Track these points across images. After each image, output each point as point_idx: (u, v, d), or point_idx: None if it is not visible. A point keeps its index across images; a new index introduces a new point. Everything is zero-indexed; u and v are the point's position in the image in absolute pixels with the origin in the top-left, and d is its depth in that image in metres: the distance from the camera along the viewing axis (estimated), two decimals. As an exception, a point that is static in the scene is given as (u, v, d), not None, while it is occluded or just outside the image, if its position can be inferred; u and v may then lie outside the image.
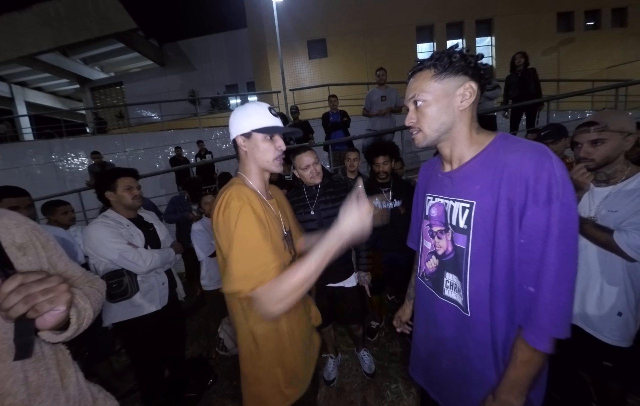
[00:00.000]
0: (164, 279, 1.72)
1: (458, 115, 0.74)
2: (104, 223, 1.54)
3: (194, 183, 3.26)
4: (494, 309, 0.72)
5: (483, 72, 0.74)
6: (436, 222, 0.85)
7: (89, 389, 0.79)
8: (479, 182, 0.72)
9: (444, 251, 0.82)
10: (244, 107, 1.00)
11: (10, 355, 0.57)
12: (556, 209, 0.61)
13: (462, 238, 0.76)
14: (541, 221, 0.62)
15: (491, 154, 0.72)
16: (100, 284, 0.87)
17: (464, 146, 0.77)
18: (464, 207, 0.75)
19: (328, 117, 4.72)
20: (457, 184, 0.78)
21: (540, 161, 0.63)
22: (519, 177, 0.64)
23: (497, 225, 0.68)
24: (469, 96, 0.72)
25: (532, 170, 0.63)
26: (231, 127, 1.00)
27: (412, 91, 0.77)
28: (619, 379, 1.23)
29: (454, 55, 0.71)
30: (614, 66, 10.07)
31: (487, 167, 0.71)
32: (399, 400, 1.84)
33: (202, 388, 2.06)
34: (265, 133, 0.96)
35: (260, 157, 0.98)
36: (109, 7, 10.06)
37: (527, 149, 0.66)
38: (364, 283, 1.87)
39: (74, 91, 15.63)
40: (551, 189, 0.61)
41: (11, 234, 0.67)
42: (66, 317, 0.61)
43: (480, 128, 0.78)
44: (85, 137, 8.67)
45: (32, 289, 0.51)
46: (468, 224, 0.74)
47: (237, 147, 1.00)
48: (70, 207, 2.37)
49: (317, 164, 1.71)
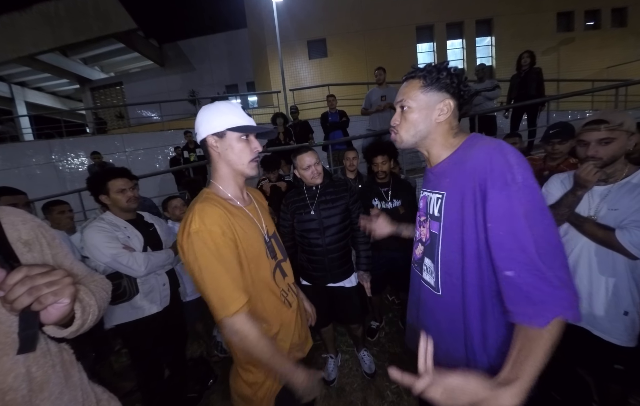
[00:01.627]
0: (164, 280, 1.70)
1: (434, 126, 0.83)
2: (99, 227, 1.51)
3: (194, 183, 3.25)
4: (465, 288, 0.78)
5: (463, 93, 0.82)
6: (422, 213, 0.95)
7: (93, 390, 0.79)
8: (448, 176, 0.81)
9: (425, 238, 0.92)
10: (214, 104, 0.93)
11: (13, 348, 0.57)
12: (515, 192, 0.66)
13: (436, 225, 0.85)
14: (502, 204, 0.67)
15: (460, 152, 0.82)
16: (106, 283, 0.87)
17: (440, 149, 0.86)
18: (437, 197, 0.85)
19: (327, 117, 4.72)
20: (435, 178, 0.88)
21: (494, 152, 0.70)
22: (479, 168, 0.71)
23: (463, 212, 0.75)
24: (445, 112, 0.81)
25: (487, 161, 0.70)
26: (200, 126, 0.91)
27: (402, 95, 0.85)
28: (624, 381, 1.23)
29: (442, 72, 0.79)
30: (614, 66, 10.07)
31: (456, 163, 0.80)
32: (399, 400, 1.84)
33: (202, 388, 2.06)
34: (240, 132, 0.91)
35: (234, 159, 0.92)
36: (109, 7, 10.05)
37: (485, 144, 0.74)
38: (364, 283, 1.87)
39: (74, 91, 15.62)
40: (505, 175, 0.67)
41: (17, 231, 0.67)
42: (70, 311, 0.61)
43: (459, 132, 0.85)
44: (85, 138, 8.68)
45: (36, 281, 0.51)
46: (440, 212, 0.83)
47: (207, 149, 0.93)
48: (67, 207, 2.35)
49: (318, 164, 1.71)
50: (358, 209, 1.83)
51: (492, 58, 10.56)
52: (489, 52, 10.64)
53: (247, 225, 0.94)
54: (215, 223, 0.82)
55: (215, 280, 0.81)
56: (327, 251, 1.75)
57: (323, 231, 1.74)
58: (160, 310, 1.64)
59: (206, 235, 0.80)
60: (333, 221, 1.74)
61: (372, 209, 1.36)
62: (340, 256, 1.79)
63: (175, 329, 1.82)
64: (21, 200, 1.78)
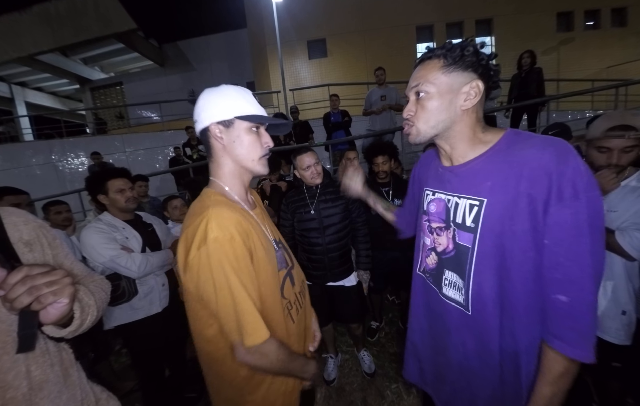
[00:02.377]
0: (164, 280, 1.70)
1: (459, 115, 0.69)
2: (97, 228, 1.50)
3: (195, 183, 3.23)
4: (502, 311, 0.68)
5: (493, 73, 0.69)
6: (435, 218, 0.81)
7: (92, 389, 0.80)
8: (490, 179, 0.67)
9: (443, 249, 0.78)
10: (220, 88, 0.77)
11: (13, 347, 0.58)
12: (584, 205, 0.57)
13: (467, 236, 0.72)
14: (568, 218, 0.58)
15: (502, 150, 0.68)
16: (105, 284, 0.87)
17: (466, 146, 0.72)
18: (471, 204, 0.70)
19: (329, 117, 4.72)
20: (463, 180, 0.73)
21: (563, 155, 0.59)
22: (541, 172, 0.60)
23: (512, 224, 0.64)
24: (473, 96, 0.67)
25: (554, 164, 0.59)
26: (202, 112, 0.75)
27: (417, 79, 0.71)
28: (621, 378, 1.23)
29: (467, 49, 0.66)
30: (614, 66, 10.06)
31: (500, 164, 0.67)
32: (399, 400, 1.84)
33: (202, 388, 2.05)
34: (252, 121, 0.77)
35: (242, 153, 0.77)
36: (109, 8, 10.05)
37: (546, 143, 0.62)
38: (364, 282, 1.88)
39: (74, 91, 15.61)
40: (576, 184, 0.57)
41: (19, 231, 0.68)
42: (69, 311, 0.62)
43: (487, 126, 0.73)
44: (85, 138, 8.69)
45: (36, 281, 0.51)
46: (476, 222, 0.69)
47: (209, 140, 0.77)
48: (65, 207, 2.34)
49: (318, 164, 1.73)
50: (358, 209, 1.84)
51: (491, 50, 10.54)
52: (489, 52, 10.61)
53: (259, 232, 0.79)
54: (236, 230, 0.69)
55: (237, 302, 0.67)
56: (327, 250, 1.75)
57: (323, 230, 1.74)
58: (159, 311, 1.64)
59: (227, 245, 0.66)
60: (333, 220, 1.74)
61: (348, 152, 1.28)
62: (340, 256, 1.79)
63: (175, 329, 1.82)
64: (24, 200, 1.78)
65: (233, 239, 0.67)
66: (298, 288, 0.95)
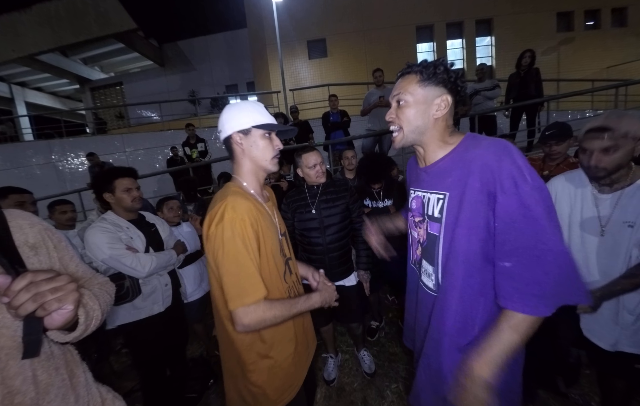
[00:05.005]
0: (166, 280, 1.70)
1: (431, 122, 0.82)
2: (102, 228, 1.50)
3: (189, 183, 3.22)
4: (465, 288, 0.78)
5: (460, 89, 0.81)
6: (416, 213, 0.94)
7: (98, 389, 0.80)
8: (450, 176, 0.80)
9: (423, 240, 0.91)
10: (239, 103, 0.98)
11: (20, 352, 0.58)
12: (526, 194, 0.67)
13: (435, 226, 0.84)
14: (511, 207, 0.68)
15: (460, 151, 0.80)
16: (109, 286, 0.88)
17: (436, 147, 0.85)
18: (438, 198, 0.83)
19: (328, 117, 4.72)
20: (432, 178, 0.86)
21: (502, 154, 0.70)
22: (486, 169, 0.71)
23: (468, 213, 0.75)
24: (443, 107, 0.80)
25: (494, 161, 0.70)
26: (225, 124, 0.96)
27: (398, 89, 0.84)
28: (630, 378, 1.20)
29: (439, 67, 0.79)
30: (614, 66, 10.07)
31: (457, 163, 0.79)
32: (399, 400, 1.84)
33: (202, 388, 2.06)
34: (265, 129, 0.96)
35: (258, 155, 0.97)
36: (108, 8, 10.05)
37: (489, 144, 0.74)
38: (364, 282, 1.88)
39: (74, 91, 15.62)
40: (514, 177, 0.68)
41: (24, 234, 0.68)
42: (74, 317, 0.61)
43: (455, 131, 0.86)
44: (85, 138, 8.68)
45: (41, 288, 0.51)
46: (441, 213, 0.82)
47: (232, 145, 0.97)
48: (70, 207, 2.35)
49: (323, 164, 1.75)
50: (358, 209, 1.85)
51: (492, 58, 10.56)
52: (488, 52, 10.64)
53: (268, 222, 0.97)
54: (247, 214, 0.85)
55: (240, 267, 0.83)
56: (327, 250, 1.75)
57: (323, 230, 1.74)
58: (162, 310, 1.64)
59: (238, 224, 0.83)
60: (333, 220, 1.75)
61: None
62: (340, 255, 1.80)
63: (177, 329, 1.82)
64: (28, 199, 1.79)
65: (244, 221, 0.84)
66: (295, 277, 1.14)
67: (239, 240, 0.83)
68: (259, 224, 0.90)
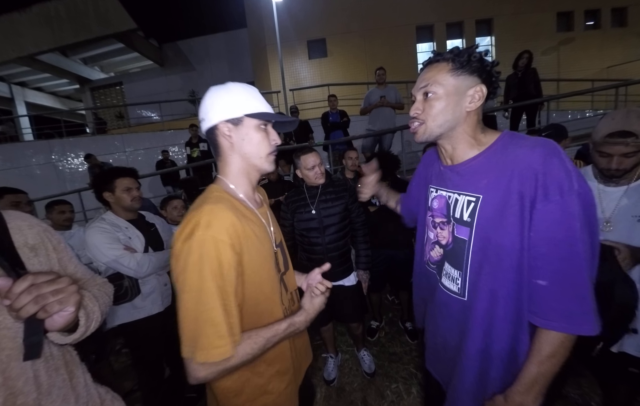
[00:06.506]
0: (166, 280, 1.70)
1: (463, 116, 0.74)
2: (100, 228, 1.50)
3: (190, 182, 3.22)
4: (495, 298, 0.73)
5: (494, 80, 0.75)
6: (438, 214, 0.86)
7: (97, 390, 0.80)
8: (486, 178, 0.72)
9: (446, 242, 0.84)
10: (227, 85, 0.76)
11: (21, 353, 0.58)
12: (568, 201, 0.62)
13: (464, 230, 0.77)
14: (552, 214, 0.63)
15: (498, 150, 0.73)
16: (108, 287, 0.88)
17: (467, 146, 0.77)
18: (469, 200, 0.75)
19: (327, 117, 4.72)
20: (462, 178, 0.78)
21: (549, 155, 0.64)
22: (529, 171, 0.65)
23: (503, 219, 0.68)
24: (477, 99, 0.72)
25: (540, 164, 0.64)
26: (209, 110, 0.74)
27: (425, 80, 0.75)
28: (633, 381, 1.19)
29: (474, 55, 0.72)
30: (614, 66, 10.06)
31: (495, 163, 0.72)
32: (399, 400, 1.84)
33: (202, 388, 2.05)
34: (260, 119, 0.76)
35: (251, 151, 0.77)
36: (108, 7, 10.05)
37: (535, 144, 0.67)
38: (363, 282, 1.88)
39: (74, 91, 15.61)
40: (561, 183, 0.62)
41: (24, 236, 0.68)
42: (75, 318, 0.62)
43: (485, 128, 0.78)
44: (85, 138, 8.69)
45: (42, 290, 0.51)
46: (472, 217, 0.74)
47: (217, 138, 0.76)
48: (68, 207, 2.34)
49: (322, 165, 1.75)
50: (357, 209, 1.85)
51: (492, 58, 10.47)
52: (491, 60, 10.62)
53: (260, 232, 0.78)
54: (226, 232, 0.66)
55: (201, 308, 0.63)
56: (327, 250, 1.76)
57: (323, 230, 1.74)
58: (161, 310, 1.64)
59: (210, 246, 0.63)
60: (333, 220, 1.75)
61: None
62: (340, 255, 1.80)
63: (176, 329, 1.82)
64: (23, 199, 1.80)
65: (221, 242, 0.64)
66: (290, 295, 0.94)
67: (207, 270, 0.62)
68: (243, 243, 0.70)
